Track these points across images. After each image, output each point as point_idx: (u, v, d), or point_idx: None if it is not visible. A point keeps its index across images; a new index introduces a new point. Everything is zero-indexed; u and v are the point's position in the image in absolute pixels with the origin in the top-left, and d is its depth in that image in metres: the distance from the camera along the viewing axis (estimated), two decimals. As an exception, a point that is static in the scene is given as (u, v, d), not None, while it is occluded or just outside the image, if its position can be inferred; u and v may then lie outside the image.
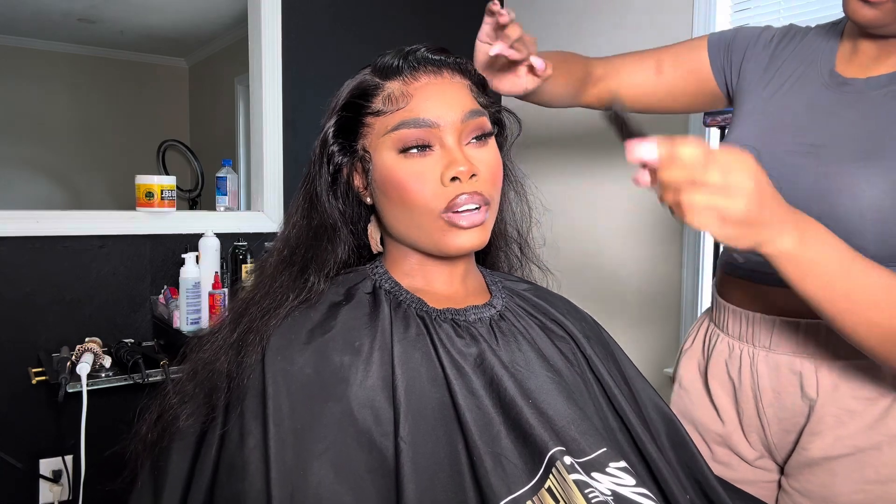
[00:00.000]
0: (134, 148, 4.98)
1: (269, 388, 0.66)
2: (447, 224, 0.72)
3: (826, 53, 0.94)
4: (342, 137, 0.76)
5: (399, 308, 0.74)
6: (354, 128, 0.75)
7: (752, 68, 1.01)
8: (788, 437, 0.96)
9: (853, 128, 0.86)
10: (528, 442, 0.65)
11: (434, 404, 0.67)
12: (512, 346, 0.75)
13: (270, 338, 0.69)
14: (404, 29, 2.56)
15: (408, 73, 0.73)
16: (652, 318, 2.26)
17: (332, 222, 0.77)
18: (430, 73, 0.74)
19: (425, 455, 0.64)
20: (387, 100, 0.73)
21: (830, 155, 0.86)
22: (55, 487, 1.85)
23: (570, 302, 0.91)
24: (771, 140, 0.93)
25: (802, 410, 0.92)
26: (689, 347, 1.10)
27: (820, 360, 0.89)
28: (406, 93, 0.72)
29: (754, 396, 0.96)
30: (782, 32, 1.02)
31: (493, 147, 0.77)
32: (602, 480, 0.64)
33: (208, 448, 0.68)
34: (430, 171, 0.71)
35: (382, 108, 0.73)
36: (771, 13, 1.97)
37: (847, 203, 0.83)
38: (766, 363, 0.94)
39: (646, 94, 1.12)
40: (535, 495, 0.62)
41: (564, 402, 0.70)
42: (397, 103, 0.72)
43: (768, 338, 0.93)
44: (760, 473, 1.00)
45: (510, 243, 0.90)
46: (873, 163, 0.82)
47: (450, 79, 0.75)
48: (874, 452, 0.86)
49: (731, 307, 0.98)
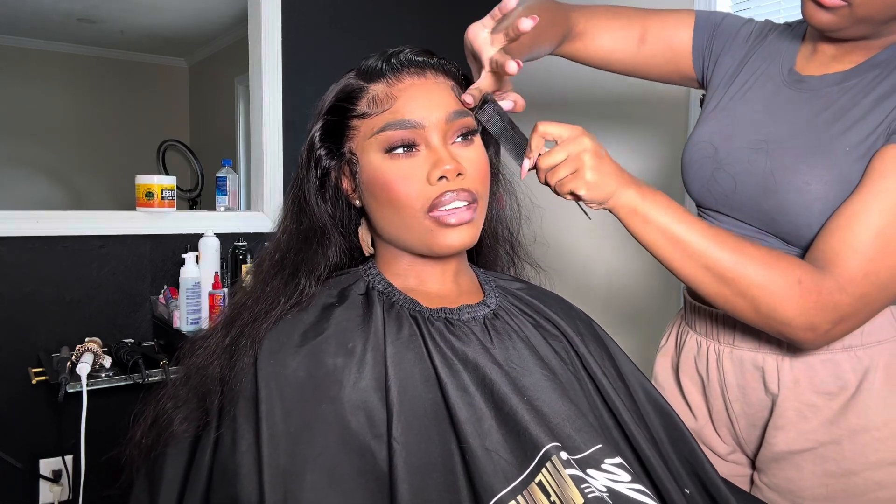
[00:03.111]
0: (134, 148, 4.98)
1: (262, 392, 0.66)
2: (435, 223, 0.72)
3: (788, 52, 0.96)
4: (329, 141, 0.77)
5: (392, 309, 0.74)
6: (341, 131, 0.76)
7: (727, 63, 1.02)
8: (755, 432, 0.97)
9: (804, 124, 0.88)
10: (521, 437, 0.65)
11: (427, 404, 0.67)
12: (506, 343, 0.75)
13: (262, 341, 0.70)
14: (404, 29, 2.56)
15: (391, 75, 0.74)
16: (644, 314, 2.26)
17: (322, 226, 0.77)
18: (413, 74, 0.74)
19: (418, 455, 0.64)
20: (371, 102, 0.73)
21: (780, 150, 0.88)
22: (55, 487, 1.85)
23: (563, 300, 0.91)
24: (728, 137, 0.95)
25: (766, 405, 0.94)
26: (664, 345, 1.12)
27: (781, 356, 0.92)
28: (390, 95, 0.73)
29: (721, 391, 0.98)
30: (759, 29, 1.03)
31: (478, 145, 0.77)
32: (597, 477, 0.65)
33: (202, 453, 0.69)
34: (416, 171, 0.72)
35: (367, 110, 0.74)
36: (771, 13, 1.97)
37: (793, 197, 0.85)
38: (730, 359, 0.96)
39: (621, 59, 1.09)
40: (525, 489, 0.62)
41: (559, 398, 0.70)
42: (382, 105, 0.73)
43: (732, 334, 0.96)
44: (734, 468, 1.02)
45: (501, 242, 0.91)
46: (819, 157, 0.84)
47: (433, 79, 0.75)
48: (834, 447, 0.88)
49: (699, 305, 1.00)
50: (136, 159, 4.89)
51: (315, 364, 0.68)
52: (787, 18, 1.92)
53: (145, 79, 5.13)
